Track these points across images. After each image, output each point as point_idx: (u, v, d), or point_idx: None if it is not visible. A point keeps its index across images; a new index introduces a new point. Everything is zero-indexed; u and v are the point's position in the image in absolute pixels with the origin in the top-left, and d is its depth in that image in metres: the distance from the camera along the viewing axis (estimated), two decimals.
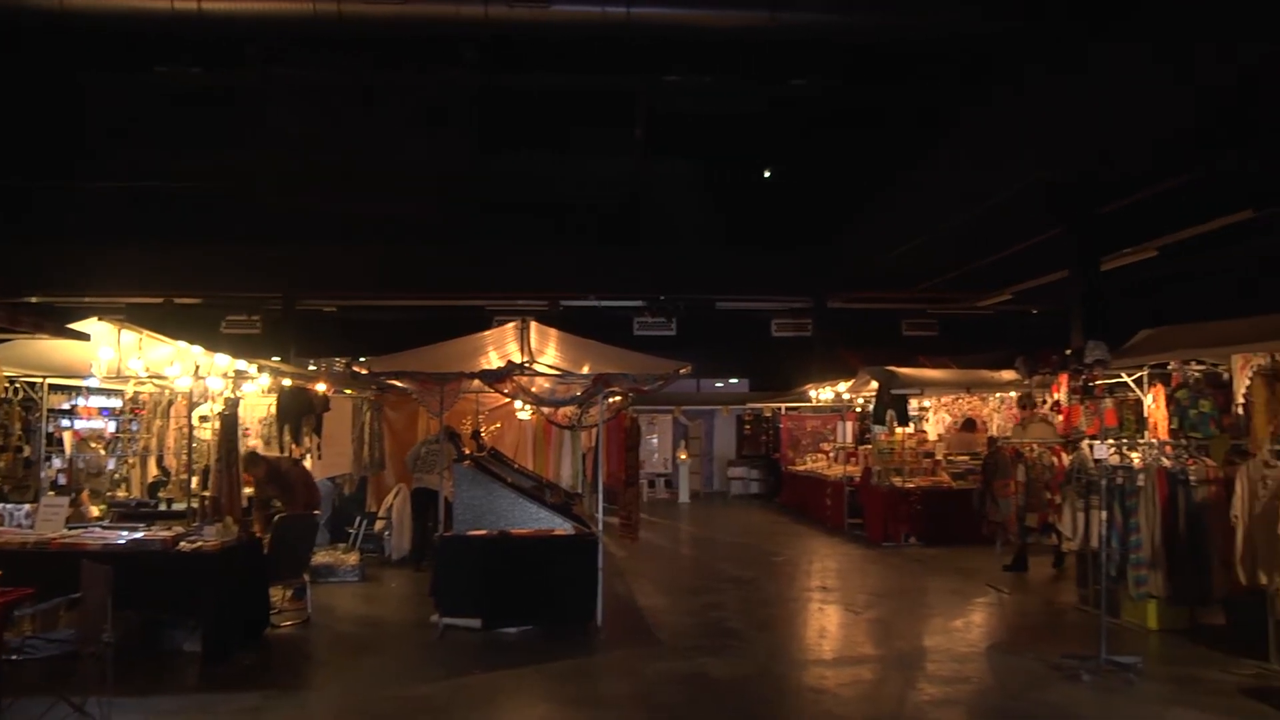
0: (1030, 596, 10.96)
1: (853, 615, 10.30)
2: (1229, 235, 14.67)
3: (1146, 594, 9.02)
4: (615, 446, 13.61)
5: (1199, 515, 8.83)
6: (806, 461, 21.88)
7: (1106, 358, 9.86)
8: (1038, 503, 12.35)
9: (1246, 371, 8.96)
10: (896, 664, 8.36)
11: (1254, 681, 7.56)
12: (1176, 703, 7.09)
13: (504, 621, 9.22)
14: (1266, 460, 7.85)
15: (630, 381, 9.78)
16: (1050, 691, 7.36)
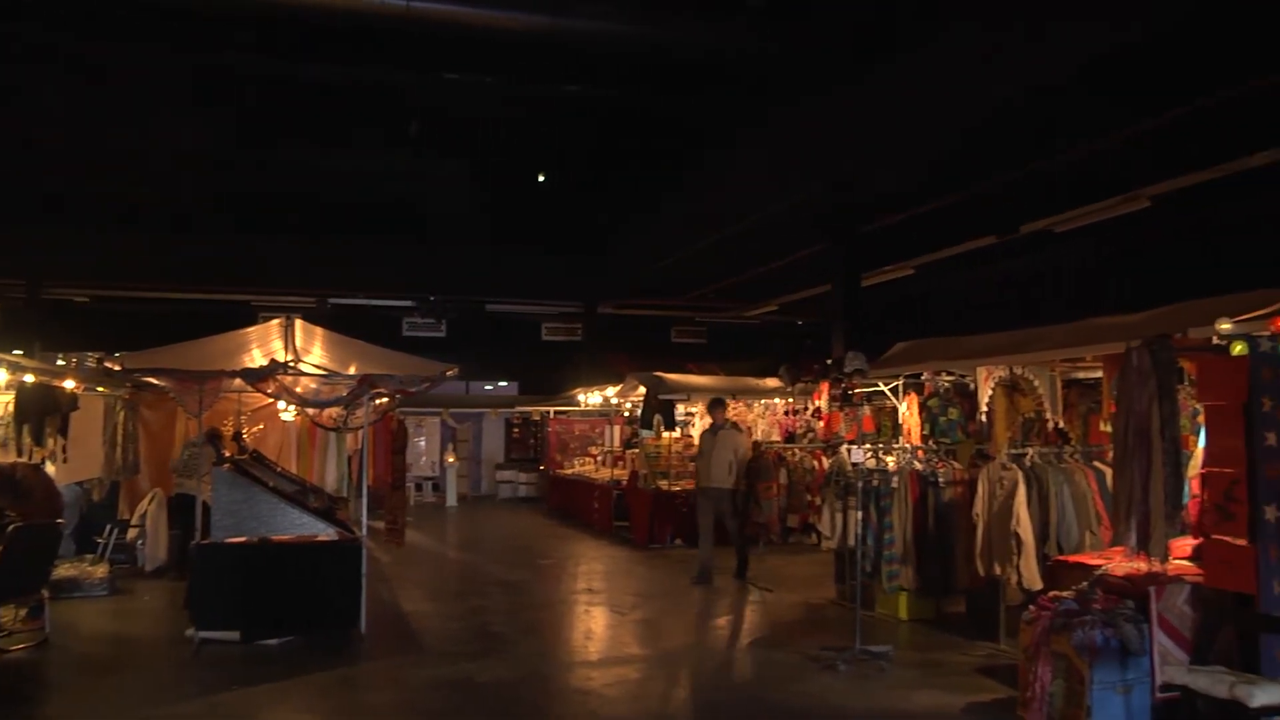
0: (791, 594, 11.37)
1: (619, 616, 10.42)
2: (977, 257, 15.77)
3: (898, 587, 9.55)
4: (382, 449, 13.30)
5: (946, 514, 9.42)
6: (574, 465, 22.02)
7: (865, 367, 10.36)
8: (799, 504, 12.84)
9: (989, 382, 9.61)
10: (661, 663, 8.53)
11: (987, 661, 8.19)
12: (922, 685, 7.57)
13: (265, 633, 8.79)
14: (1004, 463, 8.45)
15: (397, 383, 9.58)
16: (809, 682, 7.67)
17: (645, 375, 16.54)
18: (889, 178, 13.31)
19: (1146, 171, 11.54)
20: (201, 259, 19.38)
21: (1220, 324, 6.05)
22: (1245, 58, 8.72)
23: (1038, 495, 8.16)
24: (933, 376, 11.26)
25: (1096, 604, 6.45)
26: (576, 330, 23.16)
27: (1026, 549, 8.02)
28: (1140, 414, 6.47)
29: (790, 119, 13.14)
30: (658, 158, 16.38)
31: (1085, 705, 6.17)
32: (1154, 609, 6.46)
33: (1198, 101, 9.49)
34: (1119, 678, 6.25)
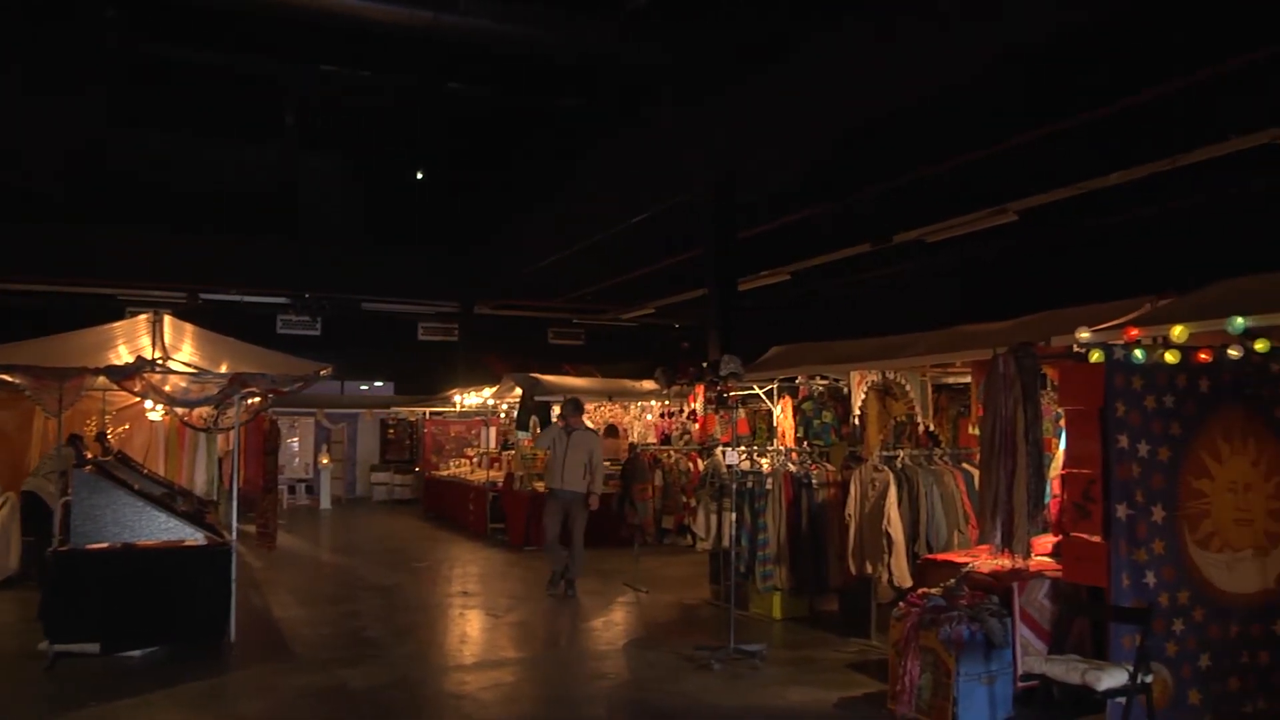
0: (667, 594, 11.47)
1: (494, 619, 10.37)
2: (852, 264, 16.17)
3: (772, 587, 9.76)
4: (253, 450, 12.97)
5: (819, 515, 9.66)
6: (450, 467, 21.83)
7: (740, 371, 10.51)
8: (674, 505, 12.98)
9: (862, 386, 9.89)
10: (537, 665, 8.54)
11: (858, 657, 8.42)
12: (795, 682, 7.73)
13: (127, 644, 8.41)
14: (875, 465, 8.72)
15: (269, 382, 9.34)
16: (684, 681, 7.77)
17: (522, 376, 16.51)
18: (767, 184, 13.56)
19: (1013, 186, 12.02)
20: (63, 249, 18.46)
21: (1080, 333, 6.36)
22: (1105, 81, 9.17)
23: (908, 496, 8.44)
24: (807, 380, 11.52)
25: (963, 600, 6.72)
26: (453, 330, 22.97)
27: (897, 548, 8.30)
28: (1006, 418, 6.76)
29: (670, 122, 13.28)
30: (538, 158, 16.38)
31: (952, 696, 6.42)
32: (1016, 603, 6.76)
33: (1060, 122, 9.94)
34: (983, 669, 6.52)
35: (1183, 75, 8.70)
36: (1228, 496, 6.98)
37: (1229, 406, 7.06)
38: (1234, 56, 8.28)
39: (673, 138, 13.45)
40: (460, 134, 15.88)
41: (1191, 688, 6.58)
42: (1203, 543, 6.82)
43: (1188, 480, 6.81)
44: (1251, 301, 6.05)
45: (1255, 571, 7.00)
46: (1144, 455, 6.61)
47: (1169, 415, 6.75)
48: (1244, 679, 6.80)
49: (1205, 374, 6.89)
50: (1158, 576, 6.56)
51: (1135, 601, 6.36)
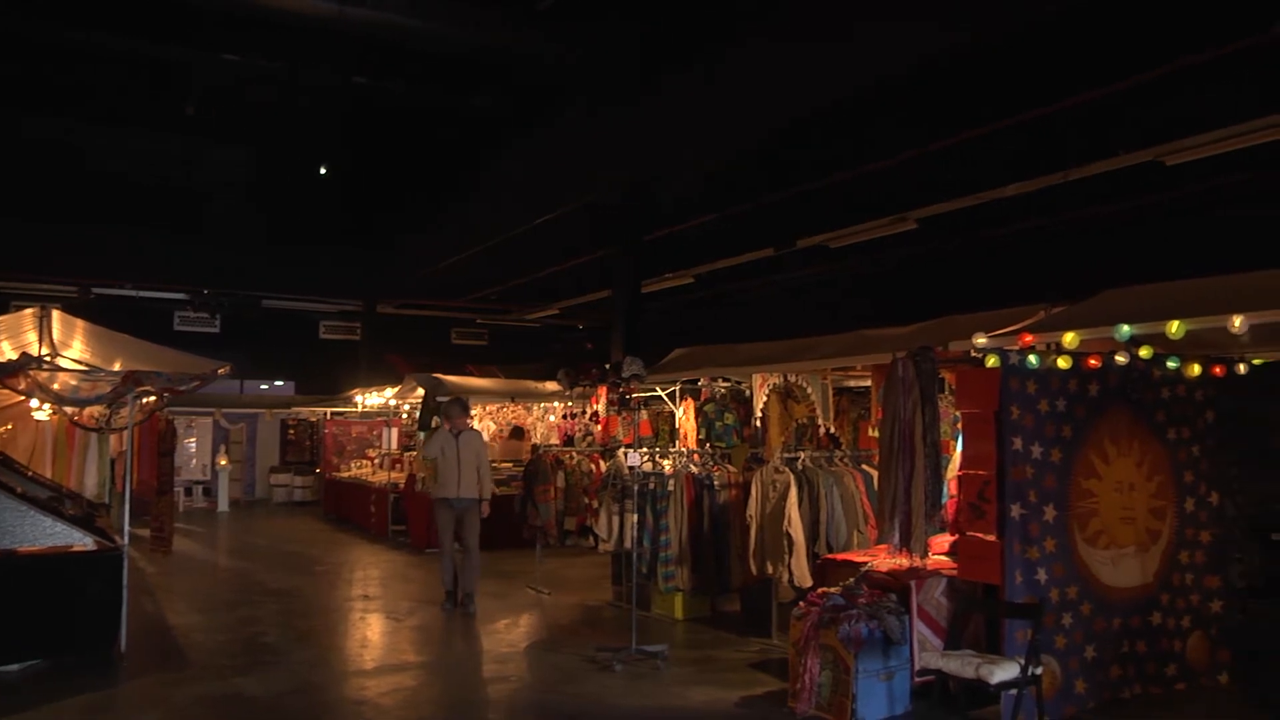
0: (569, 596, 11.47)
1: (395, 622, 10.25)
2: (756, 268, 16.35)
3: (674, 588, 9.80)
4: (148, 451, 12.61)
5: (721, 516, 9.74)
6: (352, 468, 21.50)
7: (642, 372, 10.59)
8: (576, 507, 12.95)
9: (764, 389, 10.02)
10: (438, 669, 8.47)
11: (759, 656, 8.52)
12: (696, 682, 7.78)
13: (5, 657, 7.96)
14: (777, 467, 8.82)
15: (165, 381, 9.08)
16: (585, 683, 7.77)
17: (424, 376, 16.35)
18: (673, 188, 13.64)
19: (914, 195, 12.29)
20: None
21: (976, 338, 6.55)
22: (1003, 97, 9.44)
23: (809, 497, 8.57)
24: (709, 382, 11.62)
25: (862, 598, 6.85)
26: (356, 329, 22.67)
27: (797, 548, 8.42)
28: (905, 420, 6.91)
29: (579, 124, 13.28)
30: (445, 156, 16.21)
31: (851, 693, 6.54)
32: (914, 601, 6.92)
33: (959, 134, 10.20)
34: (882, 666, 6.66)
35: (1075, 94, 8.99)
36: (1114, 496, 7.28)
37: (1116, 410, 7.36)
38: (1122, 78, 8.58)
39: (581, 139, 13.44)
40: (366, 130, 15.60)
41: (1078, 677, 6.88)
42: (1091, 540, 7.11)
43: (1078, 481, 7.09)
44: (1137, 310, 6.29)
45: (1137, 567, 7.36)
46: (1037, 457, 6.84)
47: (1061, 418, 7.01)
48: (1124, 667, 7.18)
49: (1095, 379, 7.18)
50: (1049, 573, 6.82)
51: (1027, 597, 6.59)
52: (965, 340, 6.66)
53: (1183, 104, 9.08)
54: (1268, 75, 8.33)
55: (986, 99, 9.58)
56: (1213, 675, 7.61)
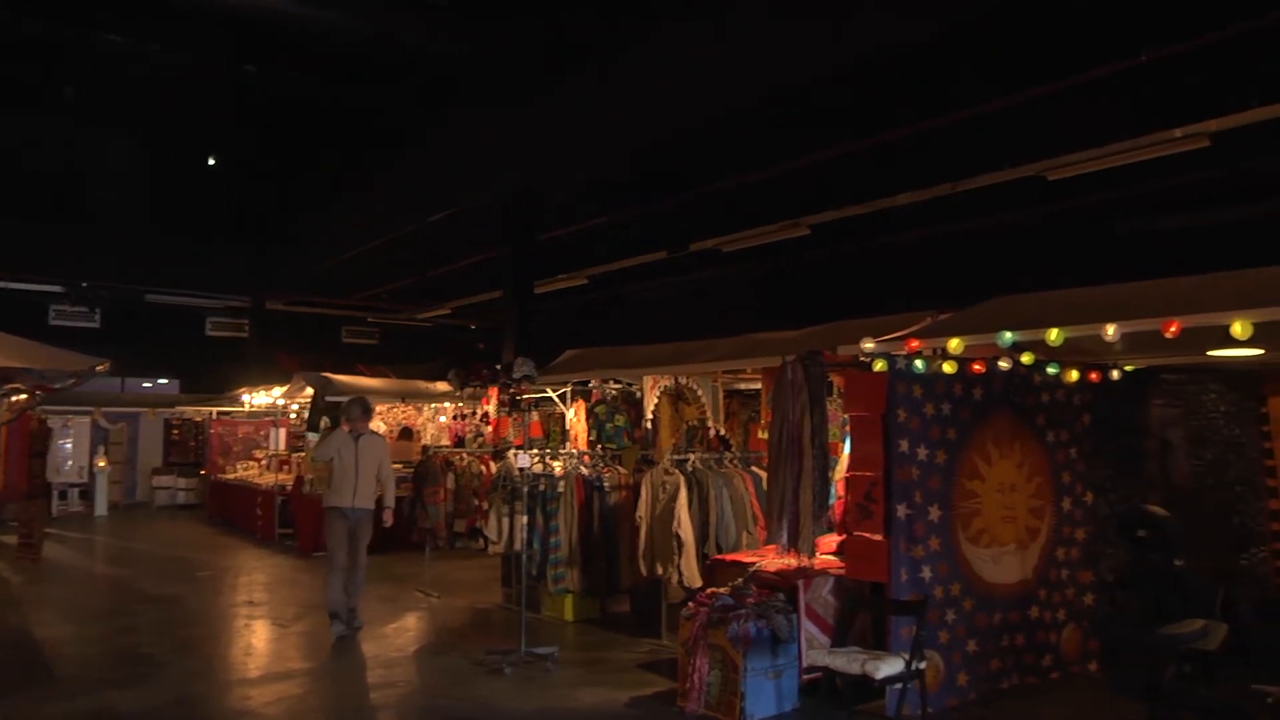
0: (459, 599, 11.35)
1: (281, 629, 10.02)
2: (649, 270, 16.41)
3: (564, 589, 9.78)
4: (16, 453, 12.07)
5: (611, 517, 9.76)
6: (238, 469, 20.97)
7: (533, 374, 10.55)
8: (466, 509, 12.83)
9: (655, 391, 10.05)
10: (325, 676, 8.30)
11: (649, 656, 8.55)
12: (586, 683, 7.79)
13: None
14: (666, 468, 8.90)
15: (37, 377, 8.76)
16: (475, 686, 7.71)
17: (313, 376, 16.03)
18: (567, 189, 13.63)
19: (806, 202, 12.47)
20: None
21: (864, 343, 6.68)
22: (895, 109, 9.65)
23: (698, 498, 8.65)
24: (600, 384, 11.62)
25: (750, 598, 6.93)
26: (243, 326, 22.11)
27: (687, 549, 8.48)
28: (793, 423, 7.02)
29: (474, 122, 13.17)
30: (338, 151, 15.87)
31: (740, 691, 6.61)
32: (802, 600, 7.03)
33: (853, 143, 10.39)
34: (770, 664, 6.75)
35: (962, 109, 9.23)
36: (996, 496, 7.51)
37: (999, 414, 7.60)
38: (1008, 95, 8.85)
39: (476, 138, 13.34)
40: (257, 120, 15.14)
41: (960, 670, 7.11)
42: (973, 539, 7.33)
43: (961, 482, 7.30)
44: (1019, 318, 6.48)
45: (1016, 564, 7.62)
46: (923, 459, 7.02)
47: (946, 421, 7.20)
48: (1003, 660, 7.45)
49: (978, 384, 7.40)
50: (933, 571, 7.01)
51: (913, 595, 6.77)
52: (853, 345, 6.78)
53: (1065, 121, 9.40)
54: (1142, 97, 8.69)
55: (877, 110, 9.79)
56: (1083, 664, 8.00)
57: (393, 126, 14.56)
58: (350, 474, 9.52)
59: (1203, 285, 6.25)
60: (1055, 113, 9.16)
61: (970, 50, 8.56)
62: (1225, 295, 5.76)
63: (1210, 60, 7.84)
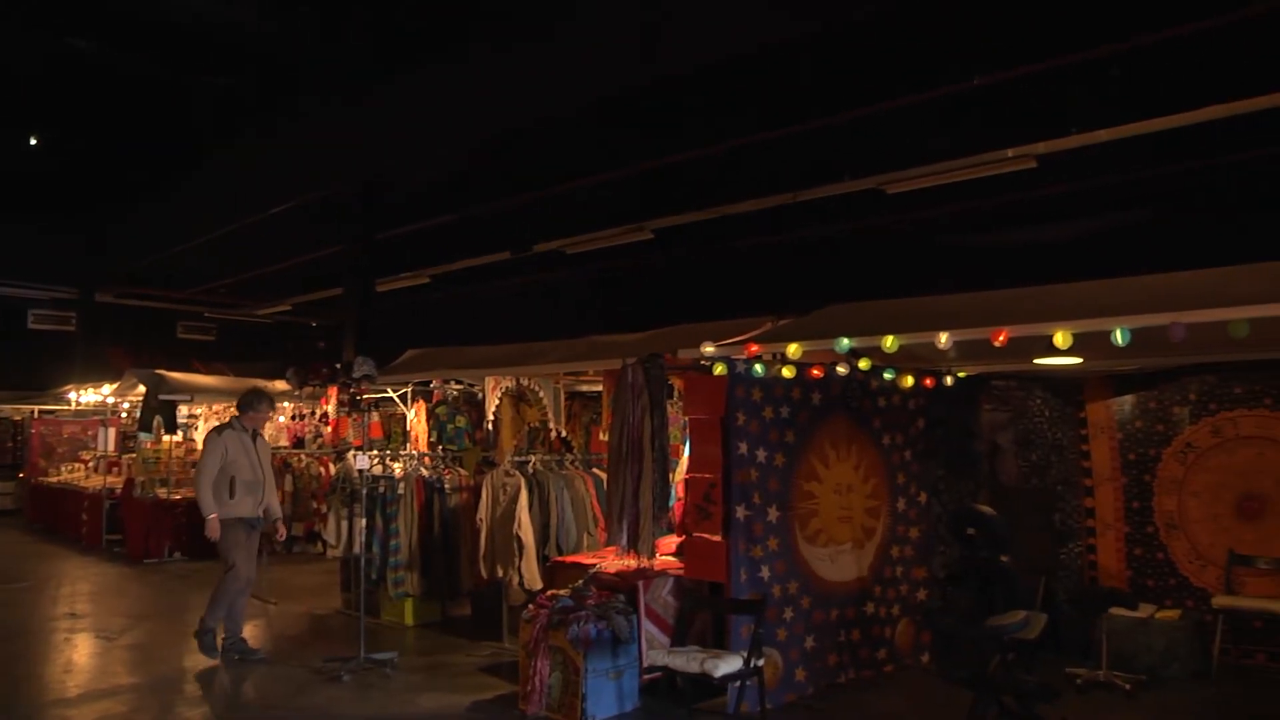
0: (296, 605, 11.03)
1: (106, 642, 9.50)
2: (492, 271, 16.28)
3: (404, 593, 9.63)
4: None
5: (452, 520, 9.68)
6: (62, 472, 19.93)
7: (374, 373, 10.35)
8: (304, 511, 12.53)
9: (497, 392, 9.99)
10: (155, 690, 7.89)
11: (490, 660, 8.48)
12: (427, 688, 7.68)
13: None
14: (507, 470, 8.87)
15: None
16: (313, 695, 7.52)
17: (146, 373, 15.39)
18: (410, 186, 13.41)
19: (650, 206, 12.56)
20: None
21: (705, 347, 6.77)
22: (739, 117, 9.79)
23: (539, 500, 8.66)
24: (442, 384, 11.50)
25: (591, 600, 6.95)
26: (69, 319, 21.04)
27: (528, 551, 8.46)
28: (634, 425, 7.06)
29: (319, 114, 12.86)
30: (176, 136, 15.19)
31: (581, 693, 6.63)
32: (642, 601, 7.08)
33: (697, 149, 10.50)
34: (611, 665, 6.78)
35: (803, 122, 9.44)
36: (833, 497, 7.72)
37: (836, 417, 7.82)
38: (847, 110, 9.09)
39: (318, 129, 13.02)
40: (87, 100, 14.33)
41: (799, 666, 7.28)
42: (811, 539, 7.52)
43: (799, 483, 7.47)
44: (857, 324, 6.69)
45: (852, 562, 7.85)
46: (761, 461, 7.15)
47: (784, 424, 7.36)
48: (840, 655, 7.67)
49: (817, 388, 7.60)
50: (771, 570, 7.16)
51: (751, 594, 6.91)
52: (694, 348, 6.87)
53: (902, 139, 9.71)
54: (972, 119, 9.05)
55: (721, 119, 9.92)
56: (916, 656, 8.32)
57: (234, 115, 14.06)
58: (255, 477, 8.66)
59: (1028, 298, 6.58)
60: (895, 128, 9.44)
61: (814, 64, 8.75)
62: (1049, 307, 6.09)
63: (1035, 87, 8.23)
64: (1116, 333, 5.44)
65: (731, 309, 8.34)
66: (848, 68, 8.72)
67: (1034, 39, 7.57)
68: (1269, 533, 8.28)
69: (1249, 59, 7.10)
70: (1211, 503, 8.58)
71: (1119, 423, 9.08)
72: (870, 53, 8.43)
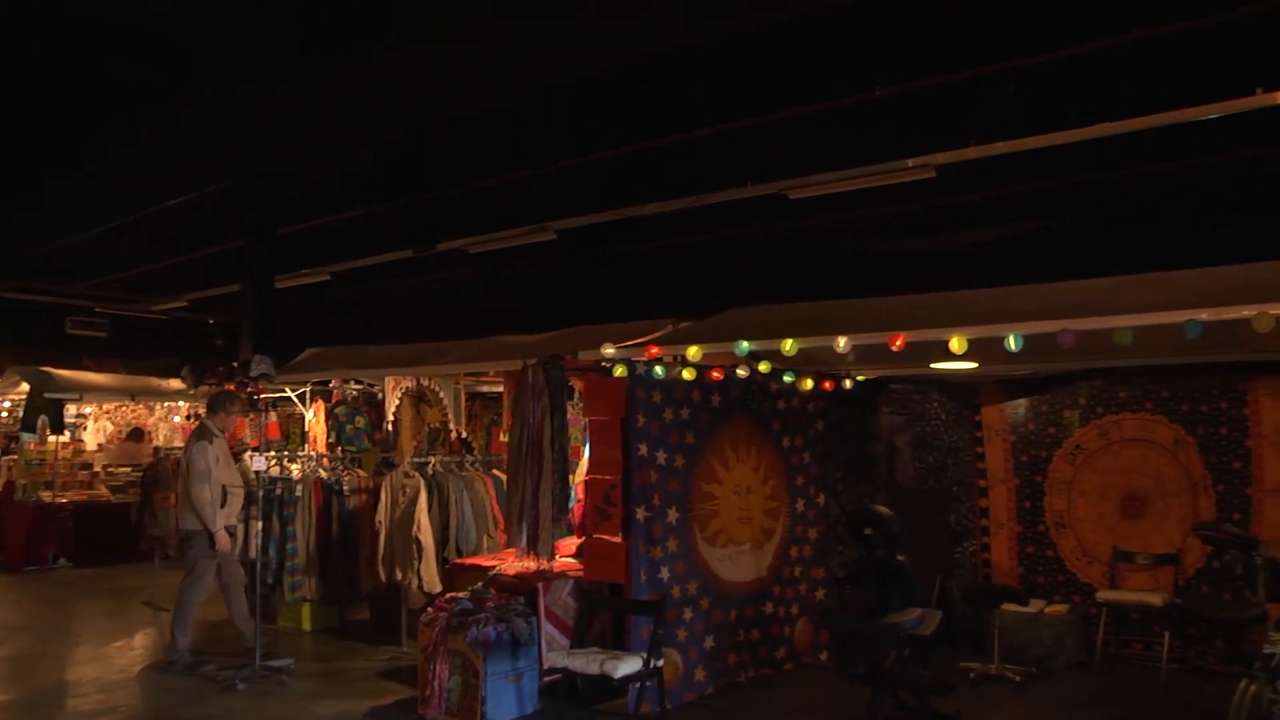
0: None
1: None
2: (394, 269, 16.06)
3: (301, 598, 9.47)
4: None
5: (351, 522, 9.54)
6: None
7: (271, 372, 10.11)
8: None
9: (397, 392, 9.89)
10: (34, 706, 7.51)
11: (389, 665, 8.36)
12: (324, 695, 7.54)
13: None
14: (407, 471, 8.77)
15: None
16: (206, 705, 7.32)
17: (30, 370, 14.88)
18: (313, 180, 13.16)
19: (553, 207, 12.52)
20: None
21: (605, 348, 6.78)
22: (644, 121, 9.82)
23: (439, 502, 8.59)
24: (341, 384, 11.34)
25: (490, 602, 6.91)
26: None
27: (427, 553, 8.39)
28: (534, 426, 7.05)
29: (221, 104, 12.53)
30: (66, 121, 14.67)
31: (480, 696, 6.60)
32: (541, 603, 7.08)
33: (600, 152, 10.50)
34: (510, 667, 6.77)
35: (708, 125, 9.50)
36: (733, 498, 7.79)
37: (736, 419, 7.89)
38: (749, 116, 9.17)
39: (218, 119, 12.69)
40: None
41: (698, 666, 7.34)
42: (711, 539, 7.57)
43: (699, 484, 7.52)
44: (756, 328, 6.76)
45: (752, 563, 7.94)
46: (662, 462, 7.19)
47: (684, 426, 7.41)
48: (740, 654, 7.76)
49: (717, 390, 7.66)
50: (671, 571, 7.20)
51: (651, 595, 6.94)
52: (595, 350, 6.87)
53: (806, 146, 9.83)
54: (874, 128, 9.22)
55: (625, 121, 9.93)
56: (815, 654, 8.47)
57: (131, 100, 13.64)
58: (236, 482, 8.57)
59: (926, 304, 6.73)
60: (799, 135, 9.56)
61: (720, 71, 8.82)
62: (945, 314, 6.23)
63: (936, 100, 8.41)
64: (1010, 339, 5.59)
65: (633, 311, 8.36)
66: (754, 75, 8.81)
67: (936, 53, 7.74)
68: (1149, 530, 8.62)
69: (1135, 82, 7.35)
70: (1098, 502, 8.88)
71: (1012, 425, 9.33)
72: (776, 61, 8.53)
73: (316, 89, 11.17)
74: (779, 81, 8.71)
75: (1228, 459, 8.31)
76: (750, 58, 8.58)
